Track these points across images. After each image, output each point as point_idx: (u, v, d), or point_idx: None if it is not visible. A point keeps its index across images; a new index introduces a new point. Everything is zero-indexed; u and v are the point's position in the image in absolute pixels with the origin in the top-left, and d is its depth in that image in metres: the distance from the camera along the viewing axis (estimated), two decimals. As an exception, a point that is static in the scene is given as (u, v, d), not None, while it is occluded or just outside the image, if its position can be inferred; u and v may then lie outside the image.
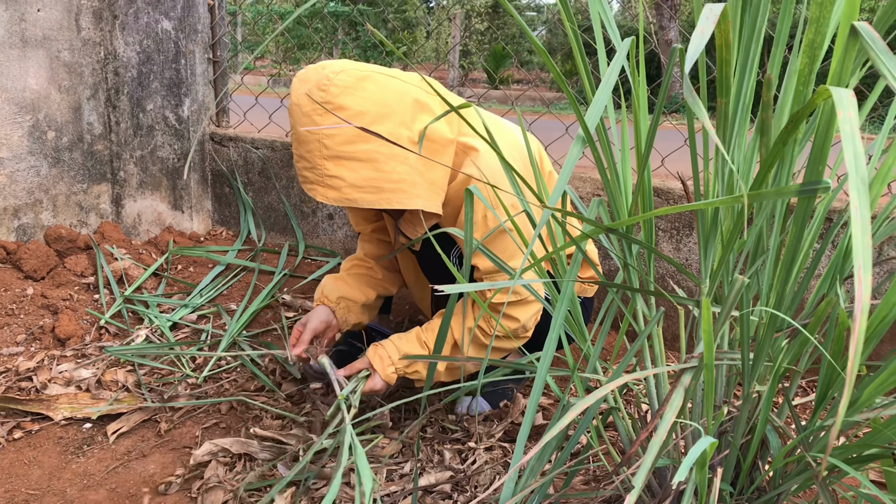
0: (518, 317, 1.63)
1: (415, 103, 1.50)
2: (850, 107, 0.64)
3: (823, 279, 1.17)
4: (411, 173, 1.48)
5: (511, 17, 17.83)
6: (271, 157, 2.92)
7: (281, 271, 2.70)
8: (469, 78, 18.55)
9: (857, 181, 0.61)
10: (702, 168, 1.12)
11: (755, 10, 0.94)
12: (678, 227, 2.10)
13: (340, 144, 1.43)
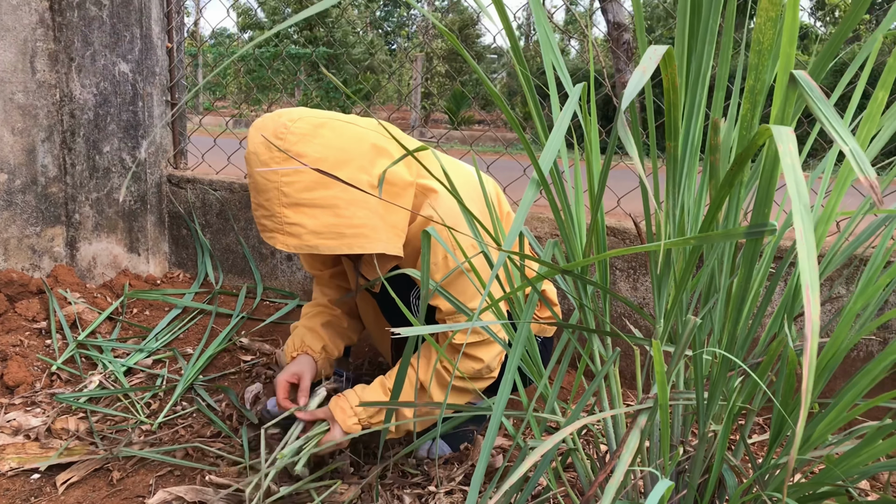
0: (482, 357, 1.63)
1: (373, 148, 1.51)
2: (790, 141, 0.66)
3: (775, 317, 1.19)
4: (372, 217, 1.48)
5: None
6: (230, 198, 2.91)
7: (238, 314, 2.67)
8: (431, 118, 18.73)
9: (800, 208, 0.62)
10: (656, 209, 1.14)
11: (700, 56, 0.96)
12: (635, 267, 2.12)
13: (300, 191, 1.43)
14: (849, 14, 0.90)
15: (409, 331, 0.98)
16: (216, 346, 2.39)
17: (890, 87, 0.95)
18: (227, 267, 2.97)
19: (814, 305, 0.59)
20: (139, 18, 2.88)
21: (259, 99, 14.56)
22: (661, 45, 0.71)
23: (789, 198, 0.64)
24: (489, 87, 1.05)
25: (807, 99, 0.69)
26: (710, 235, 0.85)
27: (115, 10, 2.81)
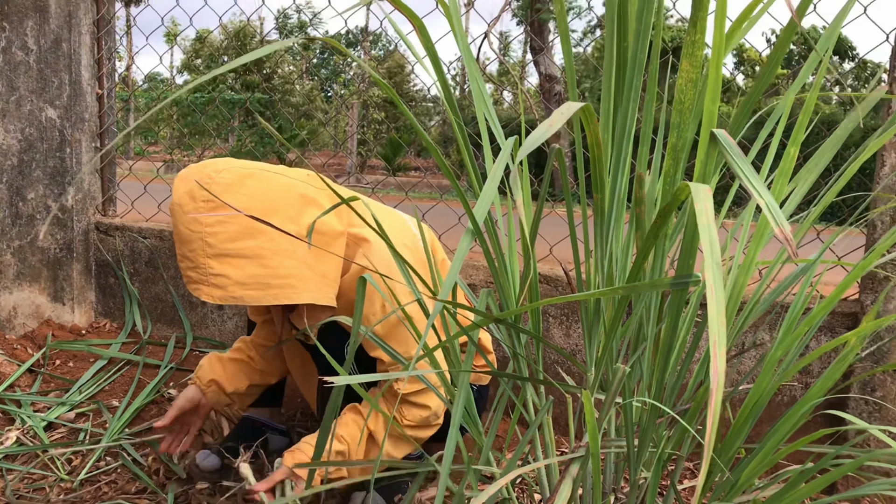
0: (429, 404, 1.62)
1: (301, 198, 1.51)
2: (706, 200, 0.69)
3: (701, 364, 1.22)
4: (300, 267, 1.48)
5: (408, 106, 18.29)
6: (159, 246, 2.85)
7: (167, 365, 2.60)
8: (367, 165, 18.79)
9: (711, 265, 0.65)
10: (587, 257, 1.17)
11: (625, 112, 1.00)
12: (567, 314, 2.15)
13: (224, 242, 1.41)
14: (763, 73, 0.95)
15: (340, 380, 0.97)
16: (143, 398, 2.32)
17: (800, 142, 1.00)
18: (155, 316, 2.90)
19: (720, 360, 0.61)
20: (68, 64, 2.83)
21: (192, 144, 14.41)
22: (576, 103, 0.74)
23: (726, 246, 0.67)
24: (424, 138, 1.07)
25: (726, 156, 0.72)
26: (637, 286, 0.87)
27: (42, 55, 2.76)
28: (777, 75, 5.26)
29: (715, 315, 0.63)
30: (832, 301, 1.09)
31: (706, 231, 0.67)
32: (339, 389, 1.37)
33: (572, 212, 1.17)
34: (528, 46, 21.21)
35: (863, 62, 25.46)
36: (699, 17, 0.76)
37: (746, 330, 1.90)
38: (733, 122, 0.96)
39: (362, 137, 18.19)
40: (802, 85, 1.10)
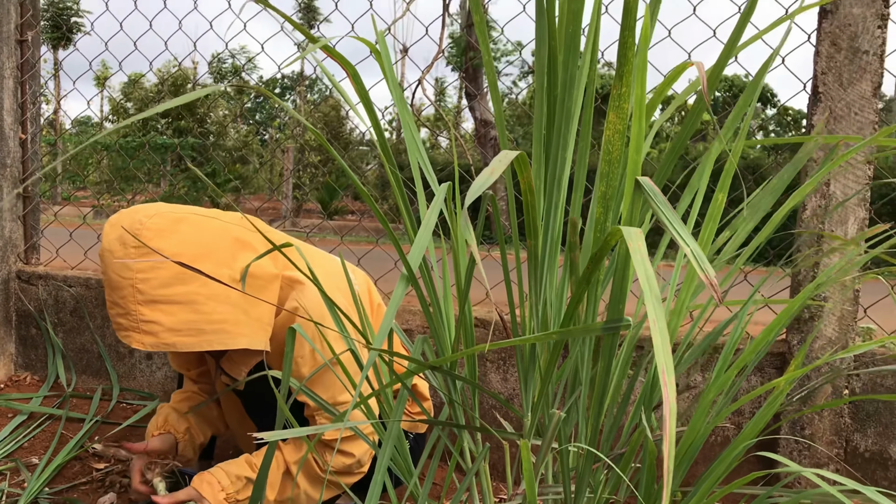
0: (353, 452, 1.59)
1: (235, 242, 1.49)
2: (639, 239, 0.70)
3: (636, 407, 1.23)
4: (234, 312, 1.45)
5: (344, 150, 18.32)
6: (86, 295, 2.76)
7: (92, 418, 2.49)
8: (303, 208, 18.66)
9: (651, 299, 0.66)
10: (522, 302, 1.17)
11: (555, 160, 1.01)
12: (505, 358, 2.15)
13: (156, 288, 1.38)
14: (687, 121, 0.98)
15: (273, 434, 0.94)
16: (65, 455, 2.22)
17: (727, 188, 1.03)
18: (81, 368, 2.79)
19: (670, 387, 0.61)
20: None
21: (122, 189, 14.10)
22: (512, 151, 0.74)
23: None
24: (357, 184, 1.06)
25: (651, 203, 0.73)
26: (570, 330, 0.88)
27: (-36, 98, 2.68)
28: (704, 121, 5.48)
29: (661, 346, 0.63)
30: (761, 343, 1.11)
31: (642, 267, 0.68)
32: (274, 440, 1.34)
33: (506, 256, 1.18)
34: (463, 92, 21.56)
35: (784, 108, 26.58)
36: (624, 70, 0.77)
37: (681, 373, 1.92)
38: (661, 169, 0.99)
39: (298, 181, 18.09)
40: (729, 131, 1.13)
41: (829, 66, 1.79)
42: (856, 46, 1.77)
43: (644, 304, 1.30)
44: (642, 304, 1.42)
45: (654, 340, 0.61)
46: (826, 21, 1.80)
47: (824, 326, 1.82)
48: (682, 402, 1.94)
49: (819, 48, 1.81)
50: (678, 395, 1.94)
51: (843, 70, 1.78)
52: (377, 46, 1.06)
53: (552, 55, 0.94)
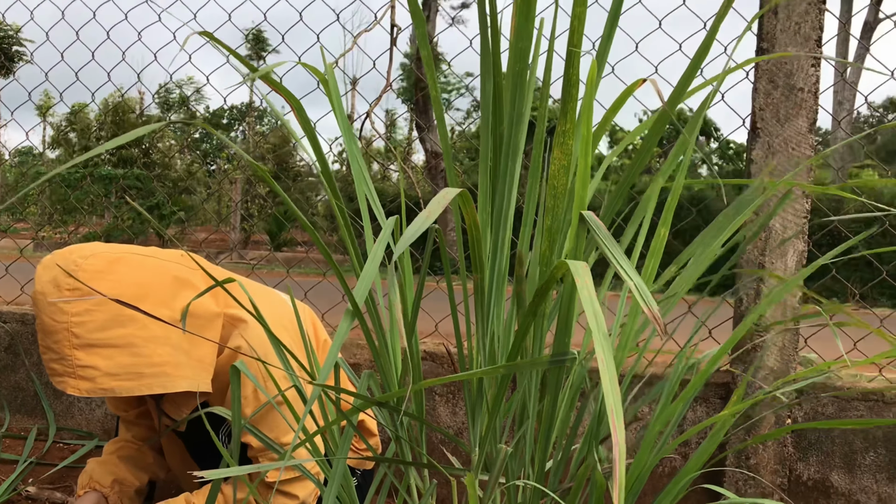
0: (297, 493, 1.56)
1: (174, 280, 1.45)
2: (585, 275, 0.70)
3: (584, 441, 1.23)
4: (174, 354, 1.41)
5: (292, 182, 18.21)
6: (21, 331, 2.67)
7: (26, 459, 2.40)
8: (252, 240, 18.46)
9: (599, 336, 0.66)
10: (472, 333, 1.16)
11: (502, 194, 1.02)
12: (454, 391, 2.14)
13: (92, 332, 1.34)
14: (636, 159, 0.99)
15: (215, 473, 0.92)
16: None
17: (670, 223, 1.05)
18: (15, 407, 2.69)
19: (619, 429, 0.61)
20: (-76, 137, 2.67)
21: (64, 221, 13.76)
22: (453, 189, 0.74)
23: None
24: (301, 220, 1.05)
25: (595, 238, 0.74)
26: (516, 364, 0.88)
27: None
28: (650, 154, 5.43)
29: (608, 382, 0.63)
30: (705, 374, 1.12)
31: (589, 302, 0.68)
32: (218, 480, 1.30)
33: (453, 290, 1.18)
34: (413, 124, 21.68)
35: (726, 142, 27.33)
36: (568, 108, 0.78)
37: (627, 404, 1.94)
38: (608, 203, 1.00)
39: (246, 212, 17.91)
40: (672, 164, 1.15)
41: (767, 103, 1.85)
42: (792, 84, 1.83)
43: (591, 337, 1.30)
44: (590, 336, 1.43)
45: (602, 380, 0.61)
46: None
47: (767, 357, 1.85)
48: (629, 433, 1.95)
49: (757, 85, 1.87)
50: (627, 428, 1.95)
51: (780, 106, 1.84)
52: (329, 77, 1.06)
53: (497, 91, 0.95)
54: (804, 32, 1.83)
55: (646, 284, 1.08)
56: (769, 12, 1.85)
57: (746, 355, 1.88)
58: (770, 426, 1.87)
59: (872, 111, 24.34)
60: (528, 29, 0.85)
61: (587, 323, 0.68)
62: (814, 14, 1.83)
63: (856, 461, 1.87)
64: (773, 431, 1.86)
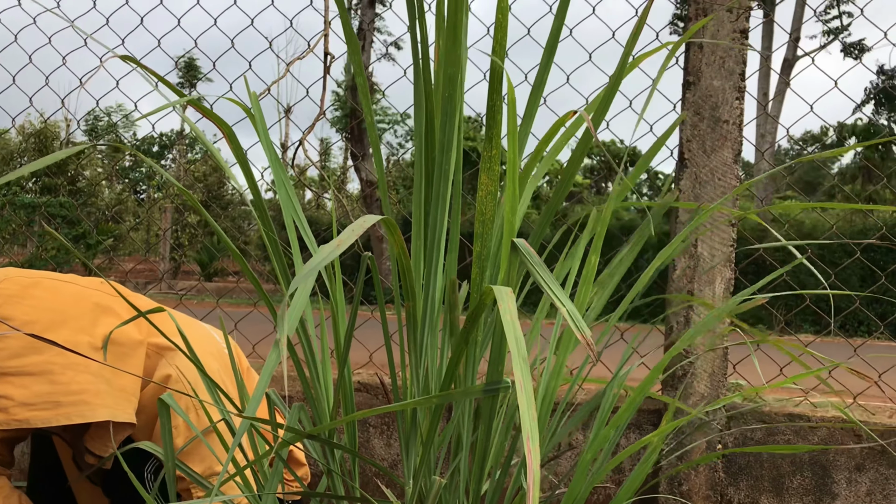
0: None
1: (95, 307, 1.40)
2: (510, 300, 0.70)
3: (519, 469, 1.22)
4: (94, 381, 1.35)
5: (224, 210, 17.93)
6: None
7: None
8: (182, 270, 18.06)
9: (518, 360, 0.65)
10: (403, 366, 1.15)
11: (434, 221, 1.01)
12: (388, 423, 2.11)
13: (5, 360, 1.28)
14: (559, 186, 1.00)
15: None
16: None
17: (599, 250, 1.06)
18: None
19: (534, 453, 0.60)
20: None
21: (-16, 250, 13.23)
22: (373, 216, 0.73)
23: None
24: (231, 248, 1.03)
25: (527, 265, 0.74)
26: (450, 394, 0.86)
27: None
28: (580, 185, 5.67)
29: (526, 410, 0.62)
30: (635, 401, 1.13)
31: (510, 328, 0.68)
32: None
33: (386, 319, 1.16)
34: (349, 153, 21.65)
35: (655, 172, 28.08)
36: (493, 133, 0.78)
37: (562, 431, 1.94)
38: (536, 230, 1.00)
39: (176, 241, 17.53)
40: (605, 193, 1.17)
41: (694, 134, 1.90)
42: (717, 116, 1.89)
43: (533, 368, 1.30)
44: (536, 366, 1.43)
45: (520, 405, 0.61)
46: (689, 92, 1.91)
47: (697, 383, 1.88)
48: (565, 461, 1.95)
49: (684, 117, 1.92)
50: (561, 455, 1.95)
51: (706, 138, 1.89)
52: (255, 108, 1.04)
53: (429, 119, 0.94)
54: (728, 66, 1.89)
55: (581, 310, 1.08)
56: (695, 46, 1.90)
57: (678, 382, 1.91)
58: (701, 452, 1.89)
59: (792, 144, 25.37)
60: (456, 54, 0.85)
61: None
62: (737, 49, 1.90)
63: (784, 484, 1.91)
64: (703, 457, 1.89)
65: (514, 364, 0.64)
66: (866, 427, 1.84)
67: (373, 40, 14.57)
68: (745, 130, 1.94)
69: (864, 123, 19.79)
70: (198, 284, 4.23)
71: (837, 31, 20.85)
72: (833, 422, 1.85)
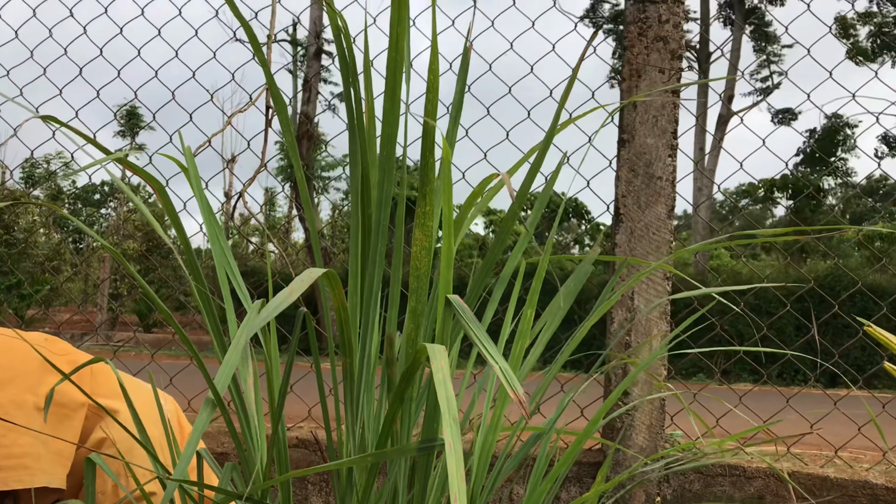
0: None
1: (41, 365, 1.35)
2: (442, 358, 0.70)
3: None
4: (35, 445, 1.30)
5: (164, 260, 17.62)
6: None
7: None
8: (121, 321, 17.60)
9: (449, 420, 0.65)
10: (339, 423, 1.13)
11: (371, 276, 1.01)
12: (327, 480, 2.07)
13: None
14: (496, 239, 1.01)
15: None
16: None
17: (535, 303, 1.07)
18: None
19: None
20: None
21: None
22: (318, 269, 0.73)
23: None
24: (159, 306, 1.01)
25: (461, 322, 0.74)
26: (384, 452, 0.86)
27: None
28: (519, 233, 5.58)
29: (454, 472, 0.62)
30: (572, 454, 1.13)
31: (442, 386, 0.68)
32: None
33: (321, 374, 1.15)
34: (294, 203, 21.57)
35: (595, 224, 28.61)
36: (427, 189, 0.80)
37: (502, 485, 1.93)
38: (473, 283, 1.01)
39: (115, 291, 17.10)
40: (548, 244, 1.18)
41: (629, 190, 1.94)
42: (651, 173, 1.94)
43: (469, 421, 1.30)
44: (466, 419, 1.42)
45: (448, 467, 0.61)
46: (624, 149, 1.96)
47: (635, 435, 1.90)
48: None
49: (619, 173, 1.97)
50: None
51: (641, 194, 1.94)
52: (188, 163, 1.04)
53: (365, 176, 0.95)
54: (661, 125, 1.96)
55: (516, 365, 1.09)
56: (629, 106, 1.97)
57: (617, 434, 1.92)
58: (641, 503, 1.90)
59: (727, 197, 26.17)
60: (394, 114, 0.87)
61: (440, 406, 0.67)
62: (669, 108, 1.97)
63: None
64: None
65: (443, 423, 0.64)
66: (798, 477, 1.87)
67: (318, 91, 14.66)
68: (680, 185, 2.00)
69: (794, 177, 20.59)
70: (133, 337, 4.13)
71: (767, 90, 21.77)
72: (767, 473, 1.88)
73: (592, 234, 27.37)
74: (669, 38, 2.00)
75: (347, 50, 0.94)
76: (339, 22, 0.89)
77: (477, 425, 1.22)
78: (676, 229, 2.00)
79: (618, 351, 1.93)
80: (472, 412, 1.27)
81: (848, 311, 11.88)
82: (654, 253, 1.90)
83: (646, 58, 1.99)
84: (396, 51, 0.86)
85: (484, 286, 1.05)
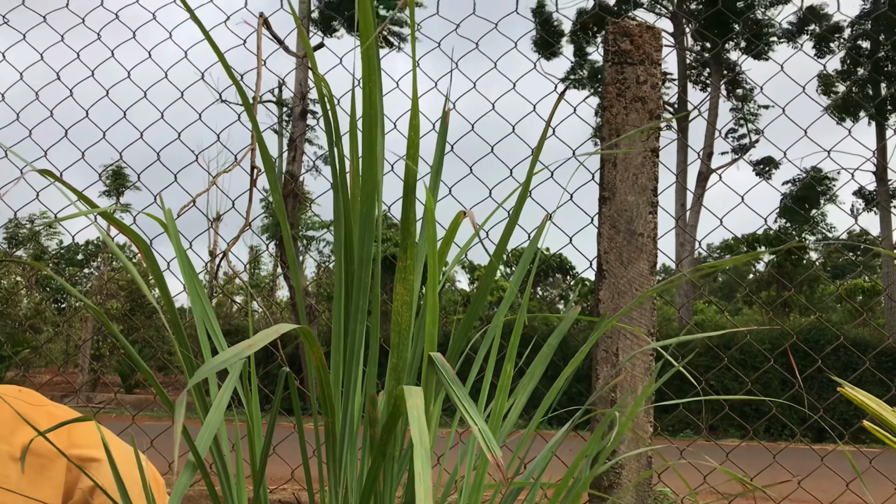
0: None
1: (14, 417, 1.34)
2: (418, 397, 0.70)
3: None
4: (14, 498, 1.28)
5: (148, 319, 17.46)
6: None
7: None
8: (102, 382, 17.35)
9: (421, 453, 0.65)
10: (322, 484, 1.12)
11: (353, 334, 1.01)
12: (310, 542, 2.03)
13: None
14: (478, 293, 1.02)
15: None
16: None
17: (514, 359, 1.07)
18: None
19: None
20: None
21: None
22: (288, 324, 0.73)
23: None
24: (140, 366, 1.00)
25: (442, 381, 0.74)
26: (366, 514, 0.84)
27: None
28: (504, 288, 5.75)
29: (423, 498, 0.61)
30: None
31: (416, 423, 0.67)
32: None
33: (304, 435, 1.14)
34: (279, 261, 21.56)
35: (581, 280, 28.73)
36: (408, 243, 0.80)
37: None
38: (456, 339, 1.01)
39: (97, 352, 16.89)
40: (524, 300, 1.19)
41: (611, 247, 1.96)
42: (632, 229, 1.96)
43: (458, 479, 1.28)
44: (452, 480, 1.41)
45: (416, 494, 0.60)
46: (605, 206, 1.99)
47: (623, 493, 1.88)
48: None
49: (601, 230, 1.99)
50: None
51: (623, 250, 1.95)
52: (169, 224, 1.04)
53: (349, 233, 0.96)
54: (641, 183, 1.99)
55: (496, 425, 1.08)
56: (609, 164, 2.00)
57: (604, 492, 1.90)
58: (629, 564, 1.87)
59: (710, 252, 26.41)
60: (373, 171, 0.88)
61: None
62: (649, 166, 2.00)
63: None
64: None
65: (415, 454, 0.63)
66: (788, 534, 1.85)
67: (303, 151, 14.78)
68: (663, 241, 2.02)
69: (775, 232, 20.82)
70: (114, 398, 4.08)
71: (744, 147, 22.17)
72: (756, 530, 1.86)
73: (580, 290, 27.46)
74: (647, 98, 2.04)
75: (331, 112, 0.95)
76: (325, 89, 0.91)
77: (460, 487, 1.21)
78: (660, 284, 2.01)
79: (603, 408, 1.92)
80: (458, 473, 1.25)
81: (832, 364, 11.90)
82: (637, 309, 1.91)
83: (625, 117, 2.03)
84: (370, 105, 0.87)
85: (467, 341, 1.05)
